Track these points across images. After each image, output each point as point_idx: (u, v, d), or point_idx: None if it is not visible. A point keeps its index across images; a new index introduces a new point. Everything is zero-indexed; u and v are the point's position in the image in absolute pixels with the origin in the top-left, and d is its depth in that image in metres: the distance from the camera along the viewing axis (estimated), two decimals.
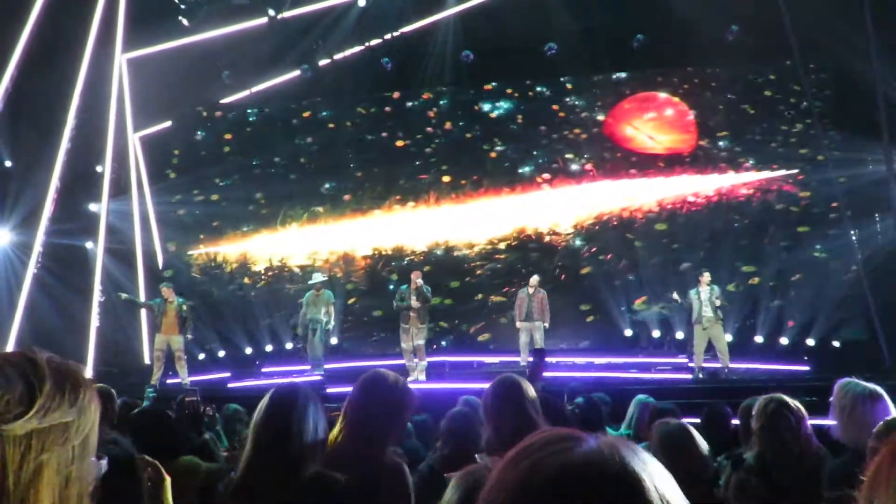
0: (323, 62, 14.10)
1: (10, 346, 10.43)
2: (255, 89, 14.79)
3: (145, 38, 13.02)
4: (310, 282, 11.49)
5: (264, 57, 13.91)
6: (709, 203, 14.09)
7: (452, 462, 2.82)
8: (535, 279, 11.12)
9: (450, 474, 2.73)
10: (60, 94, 11.42)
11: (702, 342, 9.97)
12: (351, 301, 14.52)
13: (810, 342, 11.48)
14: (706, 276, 10.16)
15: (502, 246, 14.69)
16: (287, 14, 13.32)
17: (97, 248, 12.68)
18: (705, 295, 9.98)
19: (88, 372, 11.41)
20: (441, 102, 15.79)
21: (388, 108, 15.92)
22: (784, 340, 11.79)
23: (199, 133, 15.88)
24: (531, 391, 2.57)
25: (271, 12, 13.18)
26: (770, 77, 14.42)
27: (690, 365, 10.40)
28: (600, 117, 15.11)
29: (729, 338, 10.59)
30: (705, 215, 13.94)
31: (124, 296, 11.21)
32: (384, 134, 15.69)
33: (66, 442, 1.03)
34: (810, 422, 3.22)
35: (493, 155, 15.38)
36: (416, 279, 10.47)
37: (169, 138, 15.28)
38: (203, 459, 3.50)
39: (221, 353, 13.66)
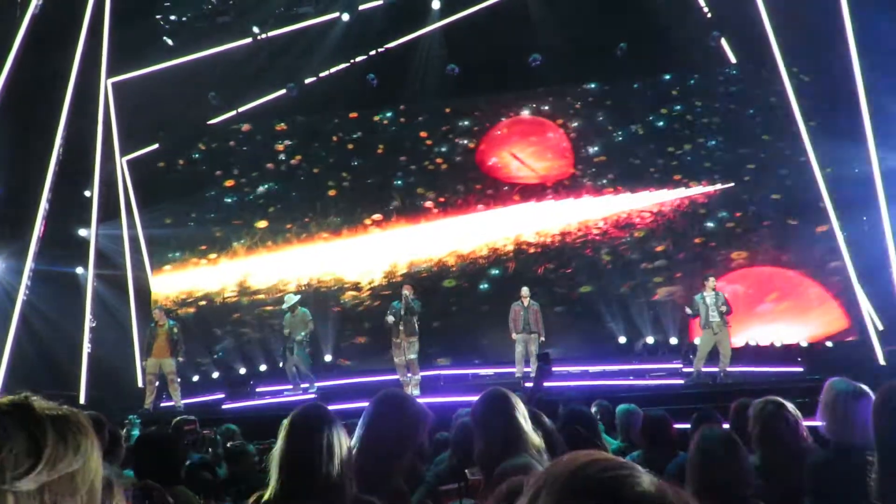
0: (308, 80, 14.08)
1: (2, 373, 10.35)
2: (241, 109, 14.78)
3: (130, 62, 13.03)
4: (283, 305, 11.41)
5: (250, 76, 13.89)
6: (542, 248, 13.31)
7: (461, 472, 2.83)
8: (525, 291, 11.10)
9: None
10: (47, 120, 11.39)
11: (707, 346, 9.98)
12: None
13: (803, 343, 11.50)
14: (711, 281, 10.21)
15: (270, 308, 13.41)
16: (271, 33, 13.37)
17: (87, 273, 12.61)
18: (710, 300, 10.03)
19: (81, 397, 11.32)
20: (296, 133, 14.64)
21: (232, 143, 14.75)
22: (777, 342, 11.80)
23: (184, 155, 15.19)
24: (521, 403, 2.54)
25: (255, 30, 13.22)
26: (673, 91, 13.86)
27: (686, 370, 10.40)
28: (472, 144, 14.17)
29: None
30: (522, 265, 13.23)
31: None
32: (218, 172, 14.49)
33: (75, 492, 0.99)
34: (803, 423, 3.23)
35: (332, 193, 14.24)
36: (405, 292, 10.45)
37: (156, 161, 15.12)
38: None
39: (215, 375, 13.56)
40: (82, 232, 13.01)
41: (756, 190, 12.85)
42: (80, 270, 12.81)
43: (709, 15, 12.97)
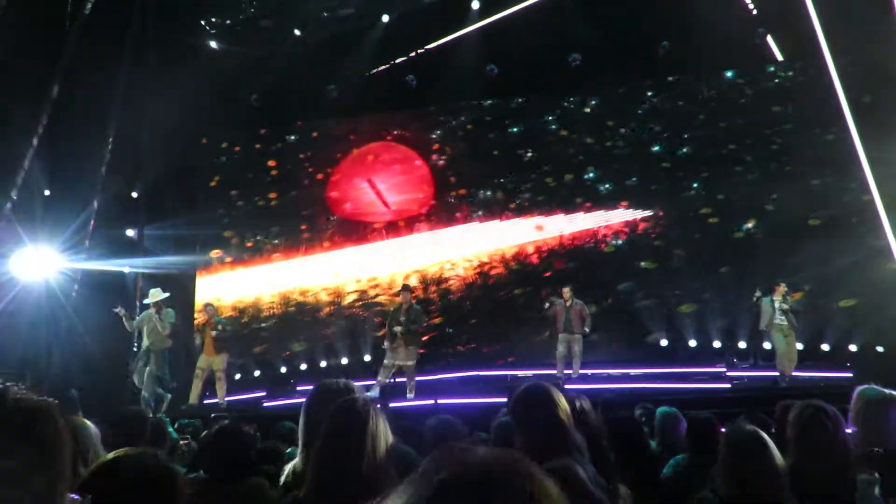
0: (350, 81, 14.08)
1: (51, 371, 10.65)
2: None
3: (176, 64, 13.26)
4: (146, 300, 10.43)
5: (292, 78, 13.96)
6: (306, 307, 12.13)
7: None
8: (567, 290, 10.55)
9: None
10: (96, 122, 11.69)
11: (782, 346, 9.81)
12: None
13: (853, 348, 11.16)
14: (782, 287, 9.98)
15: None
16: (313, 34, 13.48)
17: (135, 272, 12.86)
18: (779, 304, 9.88)
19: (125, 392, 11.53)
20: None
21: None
22: (825, 347, 11.46)
23: (224, 158, 15.00)
24: (563, 399, 2.39)
25: (297, 32, 13.35)
26: (587, 110, 12.86)
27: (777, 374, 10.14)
28: (321, 175, 12.92)
29: (800, 346, 10.40)
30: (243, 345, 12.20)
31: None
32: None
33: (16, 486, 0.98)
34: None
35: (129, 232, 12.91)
36: (407, 299, 10.18)
37: (199, 164, 15.29)
38: None
39: (257, 373, 13.71)
40: (129, 232, 13.29)
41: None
42: (127, 270, 13.07)
43: (754, 11, 12.69)
